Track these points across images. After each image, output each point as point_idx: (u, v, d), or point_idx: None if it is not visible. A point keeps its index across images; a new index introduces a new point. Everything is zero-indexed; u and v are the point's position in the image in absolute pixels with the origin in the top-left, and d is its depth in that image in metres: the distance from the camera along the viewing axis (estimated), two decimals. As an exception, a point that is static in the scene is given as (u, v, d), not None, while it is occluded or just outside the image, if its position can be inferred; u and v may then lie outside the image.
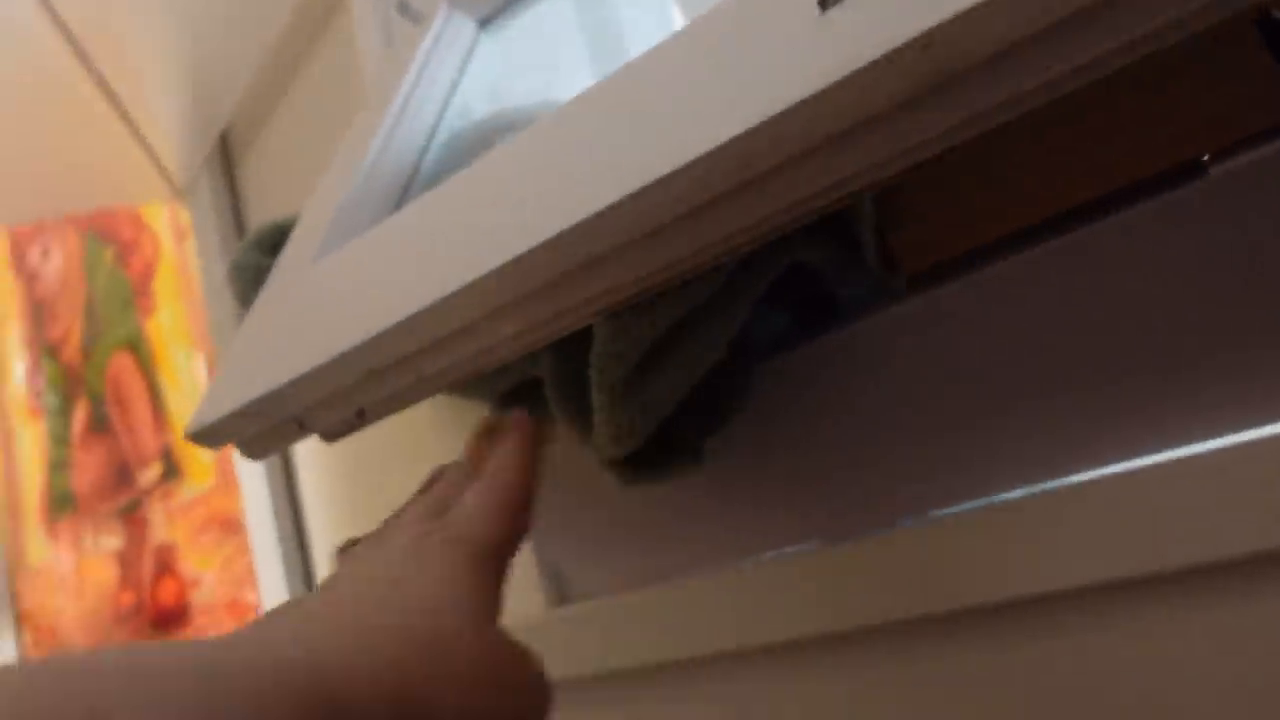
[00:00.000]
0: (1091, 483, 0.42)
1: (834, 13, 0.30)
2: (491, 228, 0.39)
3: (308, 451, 0.88)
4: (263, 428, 0.49)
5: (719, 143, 0.32)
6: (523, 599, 0.70)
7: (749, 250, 0.37)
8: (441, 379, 0.45)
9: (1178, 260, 0.38)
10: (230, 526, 0.92)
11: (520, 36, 0.66)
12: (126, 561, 1.05)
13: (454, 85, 0.61)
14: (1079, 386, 0.43)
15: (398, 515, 0.40)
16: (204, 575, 0.95)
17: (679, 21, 0.69)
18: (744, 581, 0.53)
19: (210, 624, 0.95)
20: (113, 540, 1.07)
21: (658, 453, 0.46)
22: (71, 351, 1.12)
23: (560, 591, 0.69)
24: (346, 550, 0.40)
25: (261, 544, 0.88)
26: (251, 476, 0.88)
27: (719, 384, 0.45)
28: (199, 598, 0.96)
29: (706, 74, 0.34)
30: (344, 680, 0.27)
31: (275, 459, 0.89)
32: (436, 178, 0.57)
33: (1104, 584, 0.44)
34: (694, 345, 0.42)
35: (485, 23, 0.64)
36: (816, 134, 0.31)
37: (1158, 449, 0.42)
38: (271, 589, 0.87)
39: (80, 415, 1.11)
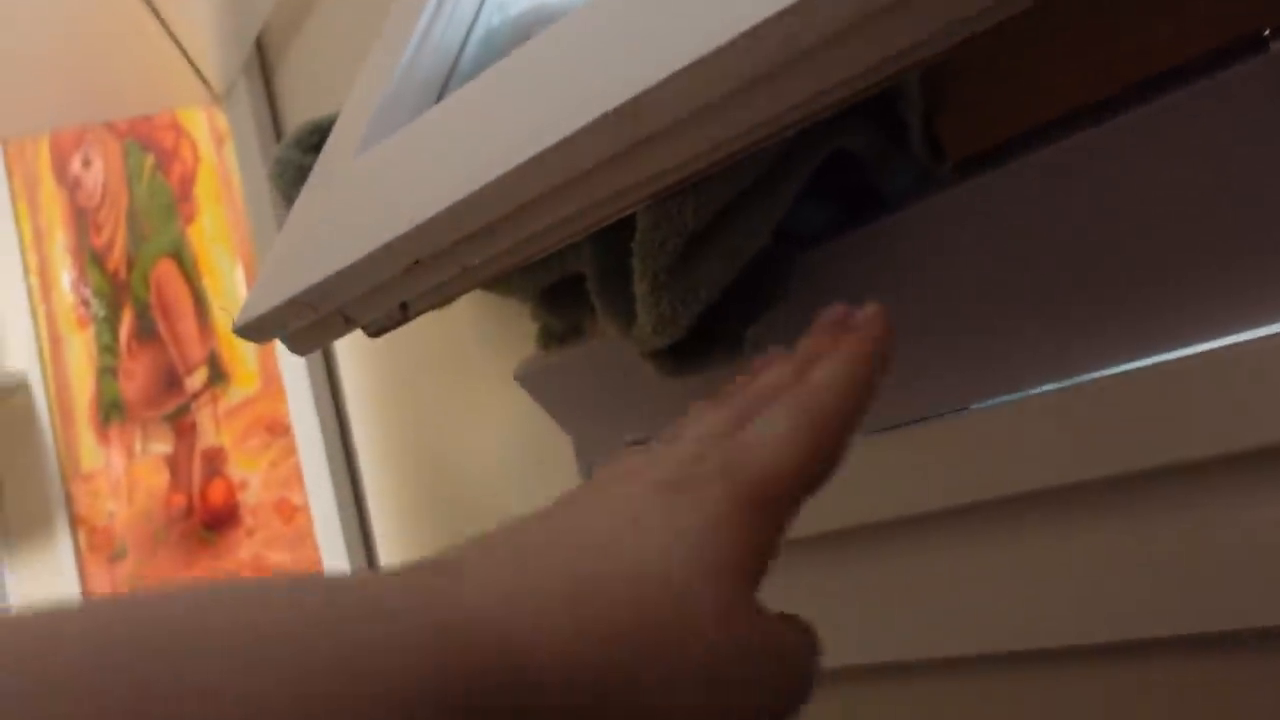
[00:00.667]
0: (1135, 373, 0.42)
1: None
2: (533, 115, 0.39)
3: (350, 354, 0.89)
4: (309, 321, 0.50)
5: (766, 17, 0.31)
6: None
7: (794, 134, 0.36)
8: (484, 270, 0.45)
9: (1236, 142, 0.37)
10: (276, 429, 0.94)
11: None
12: (176, 465, 1.08)
13: (493, -23, 0.60)
14: (1129, 276, 0.42)
15: (695, 414, 0.32)
16: (251, 477, 0.98)
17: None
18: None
19: (258, 524, 0.98)
20: (162, 445, 1.10)
21: (699, 342, 0.47)
22: (116, 259, 1.13)
23: (601, 489, 0.70)
24: (625, 449, 0.32)
25: (306, 446, 0.89)
26: (296, 380, 0.90)
27: (761, 272, 0.45)
28: (247, 499, 0.99)
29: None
30: (537, 652, 0.21)
31: (318, 362, 0.90)
32: (475, 72, 0.57)
33: (1143, 472, 0.44)
34: (737, 233, 0.42)
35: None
36: (865, 6, 0.30)
37: (1210, 339, 0.42)
38: (318, 490, 0.89)
39: (127, 322, 1.13)
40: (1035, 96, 0.40)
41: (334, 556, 0.88)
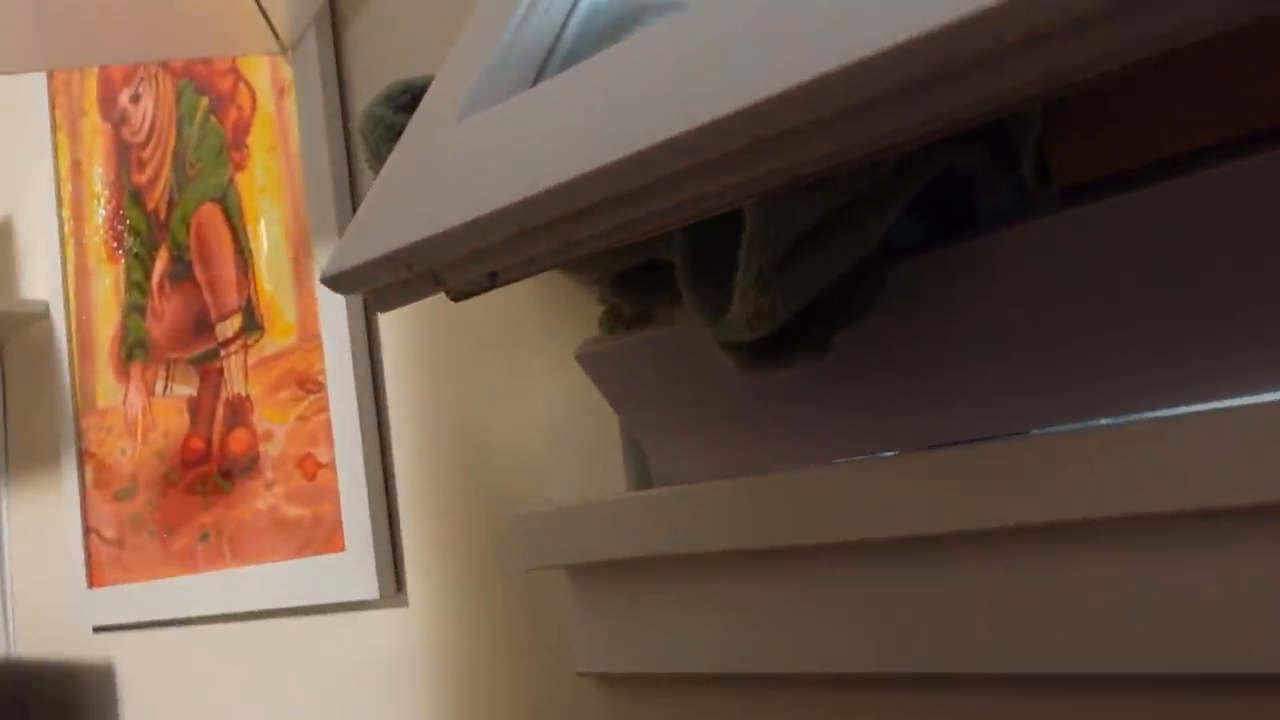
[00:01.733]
0: (1198, 415, 0.43)
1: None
2: (666, 98, 0.39)
3: (391, 315, 0.89)
4: (400, 277, 0.50)
5: (923, 32, 0.32)
6: (605, 479, 0.72)
7: (917, 147, 0.37)
8: (586, 246, 0.46)
9: (1346, 198, 0.38)
10: (308, 384, 0.94)
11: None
12: (198, 409, 1.08)
13: (597, -40, 0.61)
14: (1209, 320, 0.43)
15: None
16: (277, 429, 0.98)
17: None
18: (825, 480, 0.55)
19: (279, 477, 0.98)
20: (185, 388, 1.10)
21: (783, 341, 0.47)
22: (156, 198, 1.13)
23: (642, 474, 0.71)
24: None
25: (339, 404, 0.90)
26: (335, 336, 0.90)
27: (854, 279, 0.46)
28: (270, 450, 0.99)
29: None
30: None
31: (359, 320, 0.90)
32: (576, 48, 0.58)
33: (1192, 513, 0.45)
34: (844, 239, 0.43)
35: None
36: (1024, 31, 0.31)
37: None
38: (346, 449, 0.89)
39: (161, 262, 1.13)
40: (1152, 133, 0.41)
41: (355, 517, 0.89)
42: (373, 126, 0.60)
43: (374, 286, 0.51)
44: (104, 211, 1.22)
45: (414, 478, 0.87)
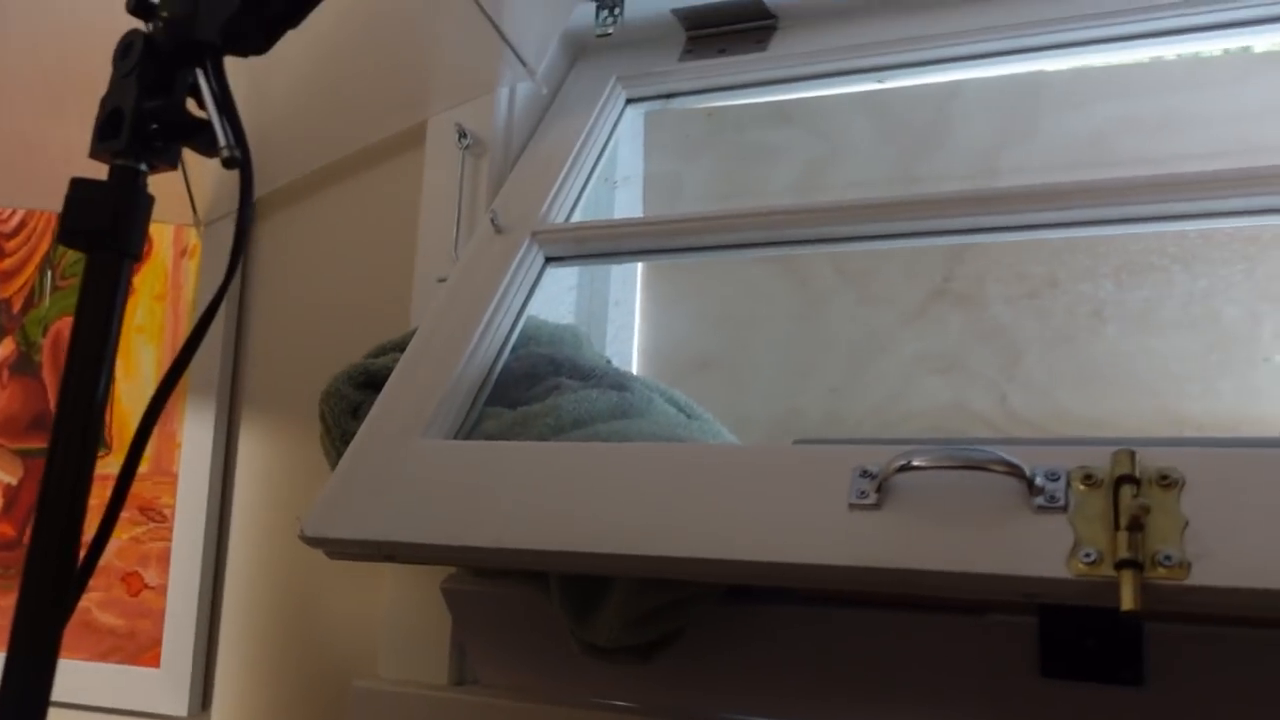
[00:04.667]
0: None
1: (857, 515, 0.57)
2: (598, 515, 0.62)
3: (252, 471, 1.05)
4: (366, 553, 0.70)
5: (755, 560, 0.57)
6: (429, 665, 0.92)
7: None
8: (499, 568, 0.68)
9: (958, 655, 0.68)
10: (150, 512, 1.07)
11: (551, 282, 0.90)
12: (15, 498, 1.16)
13: (524, 308, 0.83)
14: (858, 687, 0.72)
15: None
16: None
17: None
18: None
19: (97, 585, 1.09)
20: (6, 475, 1.17)
21: (622, 650, 0.71)
22: (14, 290, 1.21)
23: (460, 669, 0.92)
24: None
25: (184, 539, 1.04)
26: (192, 479, 1.04)
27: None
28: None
29: (757, 499, 0.60)
30: None
31: (219, 464, 1.05)
32: (504, 383, 0.79)
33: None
34: (684, 612, 0.68)
35: (552, 261, 0.87)
36: (814, 583, 0.57)
37: None
38: (182, 580, 1.03)
39: (4, 350, 1.20)
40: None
41: (178, 640, 1.02)
42: (337, 401, 0.78)
43: (344, 553, 0.70)
44: (-61, 277, 1.27)
45: (241, 616, 1.03)
